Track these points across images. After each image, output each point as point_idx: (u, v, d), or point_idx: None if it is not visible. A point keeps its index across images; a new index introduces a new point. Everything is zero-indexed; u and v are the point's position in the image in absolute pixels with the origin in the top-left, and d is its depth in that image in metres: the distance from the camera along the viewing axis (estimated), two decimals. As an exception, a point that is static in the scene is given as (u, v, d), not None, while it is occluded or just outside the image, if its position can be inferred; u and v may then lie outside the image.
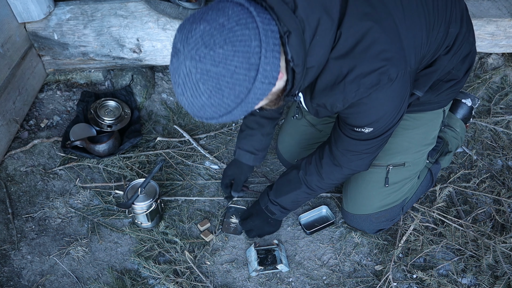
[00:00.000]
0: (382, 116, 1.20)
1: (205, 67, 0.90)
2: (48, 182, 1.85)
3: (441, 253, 1.63)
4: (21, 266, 1.59)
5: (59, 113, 2.13)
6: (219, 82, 0.91)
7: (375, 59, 1.05)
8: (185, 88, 0.94)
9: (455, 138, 1.81)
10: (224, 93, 0.92)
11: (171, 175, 1.89)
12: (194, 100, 0.94)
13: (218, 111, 0.96)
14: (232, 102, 0.95)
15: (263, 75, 0.93)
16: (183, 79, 0.93)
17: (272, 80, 0.96)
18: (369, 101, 1.12)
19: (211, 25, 0.90)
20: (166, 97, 2.24)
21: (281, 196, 1.57)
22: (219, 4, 0.95)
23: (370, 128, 1.23)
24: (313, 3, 1.00)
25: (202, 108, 0.96)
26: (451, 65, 1.33)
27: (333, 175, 1.45)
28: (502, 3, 2.19)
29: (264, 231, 1.66)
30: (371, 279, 1.57)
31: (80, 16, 2.02)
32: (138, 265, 1.60)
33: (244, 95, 0.94)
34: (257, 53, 0.91)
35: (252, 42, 0.90)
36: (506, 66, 2.33)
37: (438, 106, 1.49)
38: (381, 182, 1.54)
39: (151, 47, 2.12)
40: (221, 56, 0.89)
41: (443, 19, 1.24)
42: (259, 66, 0.92)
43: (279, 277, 1.59)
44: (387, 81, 1.08)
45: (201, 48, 0.89)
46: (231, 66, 0.90)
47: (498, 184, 1.85)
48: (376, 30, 1.05)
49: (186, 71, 0.92)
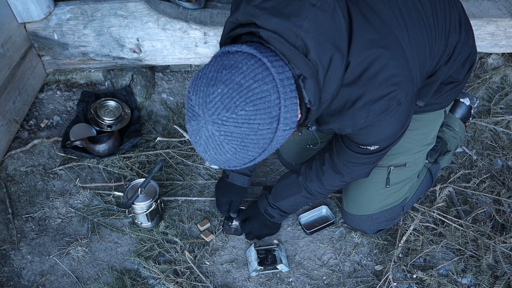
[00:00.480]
0: (389, 135, 1.21)
1: (229, 129, 0.90)
2: (48, 182, 1.85)
3: (441, 253, 1.63)
4: (21, 266, 1.59)
5: (59, 113, 2.13)
6: (244, 140, 0.92)
7: (383, 85, 1.05)
8: (207, 148, 0.94)
9: (454, 138, 1.81)
10: (249, 148, 0.93)
11: (171, 175, 1.89)
12: (218, 157, 0.95)
13: (242, 162, 0.98)
14: (256, 153, 0.96)
15: (284, 124, 0.94)
16: (205, 140, 0.93)
17: (292, 125, 0.97)
18: (378, 124, 1.13)
19: (228, 87, 0.89)
20: (166, 97, 2.24)
21: (280, 200, 1.57)
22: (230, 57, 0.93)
23: (376, 146, 1.25)
24: (323, 43, 0.98)
25: (227, 162, 0.97)
26: (451, 70, 1.34)
27: (334, 182, 1.46)
28: (502, 3, 2.19)
29: (263, 234, 1.66)
30: (371, 279, 1.57)
31: (80, 16, 2.02)
32: (138, 265, 1.60)
33: (267, 145, 0.96)
34: (276, 105, 0.91)
35: (271, 96, 0.91)
36: (506, 66, 2.33)
37: (439, 107, 1.49)
38: (382, 183, 1.54)
39: (151, 47, 2.12)
40: (243, 117, 0.89)
41: (443, 30, 1.24)
42: (280, 116, 0.93)
43: (279, 277, 1.59)
44: (396, 106, 1.08)
45: (222, 112, 0.89)
46: (255, 125, 0.90)
47: (498, 184, 1.85)
48: (385, 56, 1.04)
49: (209, 134, 0.92)
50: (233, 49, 0.95)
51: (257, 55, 0.92)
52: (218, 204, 1.70)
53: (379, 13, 1.08)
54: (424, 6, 1.20)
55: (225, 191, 1.67)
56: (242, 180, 1.65)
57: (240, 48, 0.94)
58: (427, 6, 1.20)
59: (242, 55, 0.93)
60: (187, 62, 2.22)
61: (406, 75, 1.08)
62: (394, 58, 1.05)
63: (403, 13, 1.14)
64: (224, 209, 1.67)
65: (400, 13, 1.13)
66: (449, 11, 1.26)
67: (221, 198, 1.67)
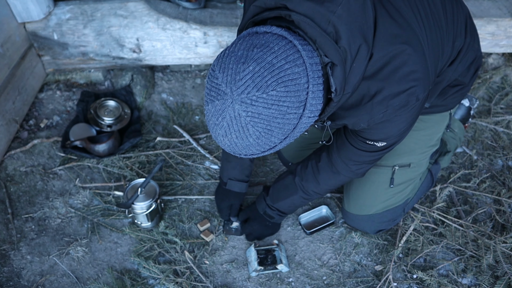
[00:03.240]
0: (399, 132, 1.20)
1: (257, 110, 0.87)
2: (48, 182, 1.85)
3: (441, 253, 1.63)
4: (20, 266, 1.59)
5: (59, 113, 2.13)
6: (270, 124, 0.88)
7: (404, 80, 1.04)
8: (230, 131, 0.90)
9: (453, 139, 1.80)
10: (274, 133, 0.90)
11: (171, 175, 1.89)
12: (239, 141, 0.91)
13: (262, 149, 0.94)
14: (278, 140, 0.93)
15: (309, 110, 0.92)
16: (228, 122, 0.89)
17: (316, 113, 0.95)
18: (394, 120, 1.13)
19: (260, 65, 0.86)
20: (166, 97, 2.24)
21: (278, 201, 1.57)
22: (260, 37, 0.91)
23: (383, 143, 1.23)
24: (354, 32, 0.97)
25: (246, 148, 0.93)
26: (457, 73, 1.33)
27: (330, 181, 1.45)
28: (502, 3, 2.19)
29: (263, 234, 1.66)
30: (371, 279, 1.57)
31: (80, 16, 2.02)
32: (138, 265, 1.60)
33: (290, 131, 0.93)
34: (305, 89, 0.89)
35: (302, 79, 0.88)
36: (507, 66, 2.32)
37: (445, 109, 1.49)
38: (386, 183, 1.54)
39: (151, 47, 2.12)
40: (274, 98, 0.86)
41: (451, 33, 1.24)
42: (307, 101, 0.90)
43: (279, 277, 1.59)
44: (414, 102, 1.07)
45: (253, 91, 0.86)
46: (284, 107, 0.88)
47: (498, 184, 1.85)
48: (407, 52, 1.03)
49: (234, 114, 0.88)
50: (261, 30, 0.93)
51: (287, 37, 0.90)
52: (219, 210, 1.70)
53: (400, 10, 1.08)
54: (437, 8, 1.20)
55: (224, 197, 1.67)
56: (240, 187, 1.64)
57: (270, 29, 0.92)
58: (439, 8, 1.21)
59: (272, 36, 0.90)
60: (187, 62, 2.22)
61: (425, 72, 1.08)
62: (415, 54, 1.05)
63: (421, 12, 1.14)
64: (225, 213, 1.68)
65: (419, 13, 1.13)
66: (457, 15, 1.27)
67: (221, 204, 1.68)
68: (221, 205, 1.68)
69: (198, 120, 2.14)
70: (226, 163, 1.64)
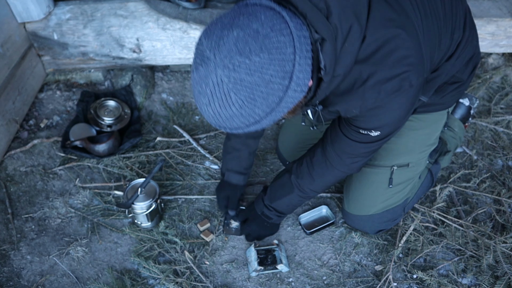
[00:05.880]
0: (393, 121, 1.18)
1: (239, 76, 0.86)
2: (48, 182, 1.85)
3: (441, 253, 1.63)
4: (20, 266, 1.59)
5: (59, 113, 2.13)
6: (253, 92, 0.87)
7: (397, 64, 1.03)
8: (213, 99, 0.89)
9: (453, 138, 1.80)
10: (257, 103, 0.89)
11: (171, 175, 1.89)
12: (222, 110, 0.90)
13: (246, 121, 0.93)
14: (263, 112, 0.91)
15: (296, 83, 0.90)
16: (211, 89, 0.88)
17: (303, 88, 0.93)
18: (387, 106, 1.11)
19: (244, 31, 0.86)
20: (166, 97, 2.24)
21: (275, 201, 1.56)
22: (248, 8, 0.91)
23: (377, 132, 1.21)
24: (346, 10, 0.97)
25: (230, 119, 0.92)
26: (455, 69, 1.33)
27: (325, 177, 1.44)
28: (502, 3, 2.19)
29: (261, 235, 1.66)
30: (371, 279, 1.57)
31: (80, 16, 2.02)
32: (138, 265, 1.60)
33: (276, 104, 0.91)
34: (291, 60, 0.88)
35: (287, 49, 0.87)
36: (507, 66, 2.33)
37: (442, 107, 1.49)
38: (385, 183, 1.53)
39: (151, 47, 2.12)
40: (257, 64, 0.85)
41: (450, 25, 1.23)
42: (293, 74, 0.89)
43: (279, 277, 1.59)
44: (407, 87, 1.06)
45: (236, 56, 0.85)
46: (267, 75, 0.86)
47: (498, 184, 1.85)
48: (401, 37, 1.03)
49: (217, 80, 0.87)
50: (251, 2, 0.93)
51: (276, 9, 0.90)
52: (217, 201, 1.71)
53: None
54: None
55: (222, 188, 1.69)
56: (238, 179, 1.66)
57: (260, 1, 0.92)
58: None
59: (261, 7, 0.91)
60: (187, 62, 2.22)
61: (419, 58, 1.07)
62: (409, 39, 1.04)
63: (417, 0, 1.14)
64: (222, 204, 1.68)
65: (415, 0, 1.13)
66: (456, 8, 1.26)
67: (219, 195, 1.70)
68: (218, 196, 1.70)
69: (198, 120, 2.14)
70: (225, 155, 1.65)
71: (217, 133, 2.07)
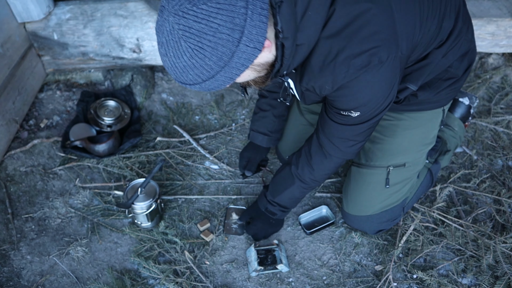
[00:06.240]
0: (370, 100, 1.17)
1: (188, 23, 0.89)
2: (47, 182, 1.85)
3: (441, 253, 1.63)
4: (20, 266, 1.59)
5: (59, 113, 2.13)
6: (201, 40, 0.89)
7: (366, 40, 1.04)
8: (168, 47, 0.93)
9: (453, 137, 1.80)
10: (206, 52, 0.91)
11: (171, 175, 1.89)
12: (177, 60, 0.93)
13: (200, 74, 0.95)
14: (215, 65, 0.93)
15: (248, 38, 0.92)
16: (166, 37, 0.92)
17: (257, 45, 0.94)
18: (357, 83, 1.10)
19: None
20: (166, 97, 2.24)
21: (278, 195, 1.56)
22: None
23: (357, 112, 1.20)
24: None
25: (184, 71, 0.94)
26: (447, 61, 1.31)
27: (323, 165, 1.42)
28: (502, 3, 2.19)
29: (268, 232, 1.66)
30: (371, 279, 1.57)
31: (80, 16, 2.02)
32: (138, 265, 1.60)
33: (228, 58, 0.93)
34: (242, 14, 0.90)
35: (238, 2, 0.89)
36: (507, 66, 2.32)
37: (437, 106, 1.48)
38: (382, 183, 1.53)
39: (151, 47, 2.12)
40: (204, 12, 0.88)
41: (437, 12, 1.22)
42: (244, 28, 0.91)
43: (279, 277, 1.59)
44: (377, 63, 1.06)
45: (185, 3, 0.89)
46: (214, 24, 0.89)
47: (498, 184, 1.85)
48: (371, 12, 1.03)
49: (169, 27, 0.91)
50: None
51: None
52: (239, 161, 1.78)
53: None
54: None
55: (245, 149, 1.76)
56: (261, 139, 1.71)
57: None
58: None
59: None
60: (187, 62, 2.22)
61: (391, 35, 1.07)
62: (381, 15, 1.04)
63: None
64: (241, 164, 1.74)
65: None
66: None
67: (241, 154, 1.76)
68: (240, 156, 1.76)
69: (198, 120, 2.14)
70: (253, 115, 1.72)
71: (217, 133, 2.07)
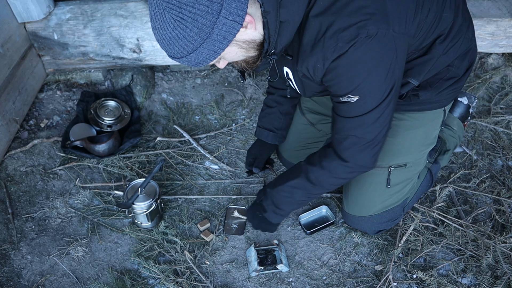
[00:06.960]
0: (365, 80, 1.15)
1: None
2: (48, 182, 1.85)
3: (441, 253, 1.63)
4: (21, 266, 1.59)
5: (59, 113, 2.13)
6: (182, 11, 0.95)
7: (354, 14, 1.06)
8: (156, 20, 0.98)
9: (452, 137, 1.80)
10: (187, 23, 0.96)
11: (171, 175, 1.89)
12: (163, 32, 0.99)
13: (185, 46, 0.99)
14: (197, 36, 0.98)
15: (227, 11, 0.97)
16: (154, 10, 0.98)
17: (236, 18, 0.98)
18: (347, 60, 1.11)
19: None
20: (166, 97, 2.24)
21: (278, 185, 1.47)
22: None
23: (356, 96, 1.18)
24: None
25: (170, 42, 0.99)
26: (448, 59, 1.31)
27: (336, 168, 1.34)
28: (502, 3, 2.19)
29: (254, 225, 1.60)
30: (371, 279, 1.57)
31: (80, 16, 2.02)
32: (138, 265, 1.60)
33: (209, 30, 0.97)
34: None
35: None
36: (506, 66, 2.33)
37: (438, 106, 1.48)
38: (383, 184, 1.53)
39: (151, 47, 2.12)
40: None
41: (436, 1, 1.22)
42: (224, 1, 0.96)
43: (279, 277, 1.59)
44: (365, 36, 1.07)
45: None
46: None
47: (498, 184, 1.85)
48: None
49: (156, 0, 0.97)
50: None
51: None
52: (246, 160, 1.79)
53: None
54: None
55: (252, 146, 1.78)
56: (266, 136, 1.73)
57: None
58: None
59: None
60: (187, 62, 2.22)
61: (379, 10, 1.08)
62: None
63: None
64: (247, 161, 1.76)
65: None
66: None
67: (248, 152, 1.78)
68: (247, 153, 1.78)
69: (198, 120, 2.14)
70: (260, 112, 1.75)
71: (217, 133, 2.07)
